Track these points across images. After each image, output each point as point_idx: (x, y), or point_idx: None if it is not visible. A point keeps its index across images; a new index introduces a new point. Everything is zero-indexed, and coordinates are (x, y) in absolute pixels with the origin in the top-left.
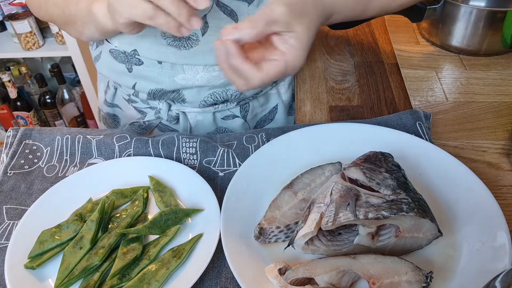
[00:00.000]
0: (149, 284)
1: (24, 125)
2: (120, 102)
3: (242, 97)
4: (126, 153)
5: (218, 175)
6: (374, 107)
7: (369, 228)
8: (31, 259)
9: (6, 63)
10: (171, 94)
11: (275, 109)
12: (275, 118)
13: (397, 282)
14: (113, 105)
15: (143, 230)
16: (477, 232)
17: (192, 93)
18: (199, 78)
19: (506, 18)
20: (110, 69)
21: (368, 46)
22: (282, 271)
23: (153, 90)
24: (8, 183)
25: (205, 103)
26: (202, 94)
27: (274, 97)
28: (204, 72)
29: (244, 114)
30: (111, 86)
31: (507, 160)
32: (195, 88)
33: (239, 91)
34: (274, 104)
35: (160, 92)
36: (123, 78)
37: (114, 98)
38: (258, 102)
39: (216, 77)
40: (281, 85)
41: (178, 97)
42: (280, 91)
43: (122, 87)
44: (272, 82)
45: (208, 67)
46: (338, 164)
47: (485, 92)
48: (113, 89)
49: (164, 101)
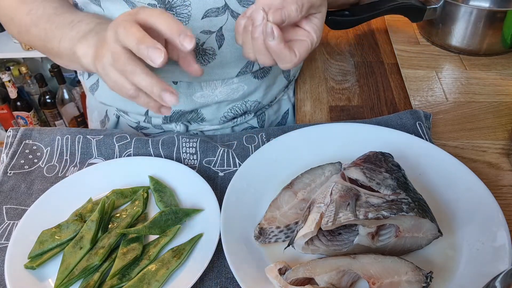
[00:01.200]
0: (149, 284)
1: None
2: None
3: (260, 107)
4: (126, 153)
5: (218, 175)
6: (374, 107)
7: (369, 228)
8: (31, 259)
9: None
10: (189, 114)
11: (287, 114)
12: (287, 122)
13: (397, 282)
14: None
15: (143, 230)
16: (477, 232)
17: (211, 110)
18: (218, 93)
19: (506, 18)
20: (114, 97)
21: (368, 46)
22: (282, 271)
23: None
24: (8, 183)
25: (225, 119)
26: (222, 110)
27: (285, 102)
28: (223, 87)
29: (262, 124)
30: (112, 115)
31: (507, 160)
32: (214, 105)
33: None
34: (286, 109)
35: (178, 114)
36: (133, 105)
37: (117, 127)
38: (272, 109)
39: (235, 90)
40: (290, 89)
41: (196, 117)
42: (289, 95)
43: (130, 115)
44: (284, 88)
45: (226, 80)
46: (338, 164)
47: (485, 92)
48: (114, 118)
49: (181, 123)
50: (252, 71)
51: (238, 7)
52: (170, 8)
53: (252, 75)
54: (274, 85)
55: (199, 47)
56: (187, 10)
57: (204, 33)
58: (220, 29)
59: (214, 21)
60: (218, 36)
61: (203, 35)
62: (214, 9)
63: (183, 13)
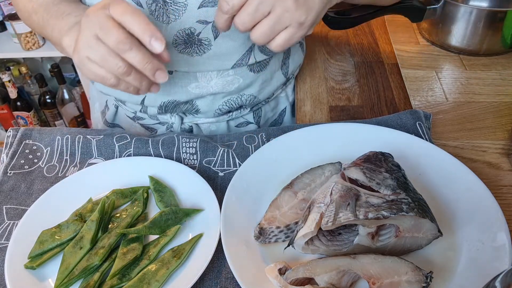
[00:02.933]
0: (149, 284)
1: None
2: (123, 121)
3: (256, 101)
4: (126, 153)
5: (218, 175)
6: (374, 107)
7: (369, 228)
8: (31, 259)
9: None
10: (184, 105)
11: (284, 112)
12: (284, 120)
13: (397, 282)
14: (115, 125)
15: (143, 230)
16: (477, 232)
17: (206, 102)
18: (213, 84)
19: (506, 18)
20: None
21: (368, 46)
22: (282, 271)
23: (165, 103)
24: (8, 183)
25: (220, 112)
26: (217, 102)
27: (283, 100)
28: (218, 78)
29: (258, 119)
30: (111, 105)
31: (507, 160)
32: (209, 97)
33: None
34: (283, 107)
35: (173, 104)
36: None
37: (115, 117)
38: (269, 106)
39: (230, 82)
40: (288, 87)
41: (191, 108)
42: (288, 93)
43: (127, 104)
44: (281, 85)
45: (222, 72)
46: (338, 164)
47: (485, 92)
48: (113, 108)
49: (176, 114)
50: (248, 63)
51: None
52: None
53: (248, 68)
54: (271, 81)
55: (195, 37)
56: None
57: (200, 23)
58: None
59: (210, 11)
60: (214, 26)
61: (199, 24)
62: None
63: (179, 2)
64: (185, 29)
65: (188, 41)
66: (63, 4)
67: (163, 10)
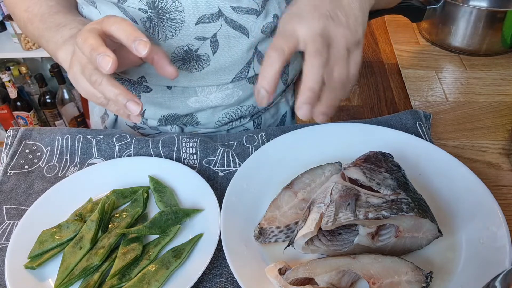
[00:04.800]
0: (149, 284)
1: (24, 125)
2: (123, 129)
3: (256, 111)
4: (126, 153)
5: (218, 175)
6: (374, 107)
7: (369, 228)
8: (31, 259)
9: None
10: (184, 118)
11: (284, 117)
12: (285, 124)
13: (397, 282)
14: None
15: (143, 230)
16: (477, 232)
17: (206, 115)
18: (212, 98)
19: (506, 18)
20: None
21: (368, 46)
22: (282, 271)
23: (164, 116)
24: (8, 183)
25: (220, 123)
26: (217, 114)
27: (283, 106)
28: (218, 92)
29: (258, 127)
30: (111, 113)
31: (507, 160)
32: (209, 110)
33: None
34: (284, 112)
35: (173, 117)
36: None
37: (115, 125)
38: (269, 113)
39: (230, 95)
40: (288, 93)
41: (191, 121)
42: (288, 98)
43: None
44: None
45: (221, 86)
46: (338, 164)
47: (485, 92)
48: (113, 116)
49: (177, 125)
50: (247, 76)
51: (232, 13)
52: (163, 13)
53: (247, 81)
54: None
55: (193, 53)
56: (180, 16)
57: (198, 39)
58: (215, 35)
59: (208, 27)
60: (212, 42)
61: (197, 41)
62: (208, 16)
63: (176, 18)
64: (183, 46)
65: (186, 57)
66: (59, 15)
67: (159, 27)
